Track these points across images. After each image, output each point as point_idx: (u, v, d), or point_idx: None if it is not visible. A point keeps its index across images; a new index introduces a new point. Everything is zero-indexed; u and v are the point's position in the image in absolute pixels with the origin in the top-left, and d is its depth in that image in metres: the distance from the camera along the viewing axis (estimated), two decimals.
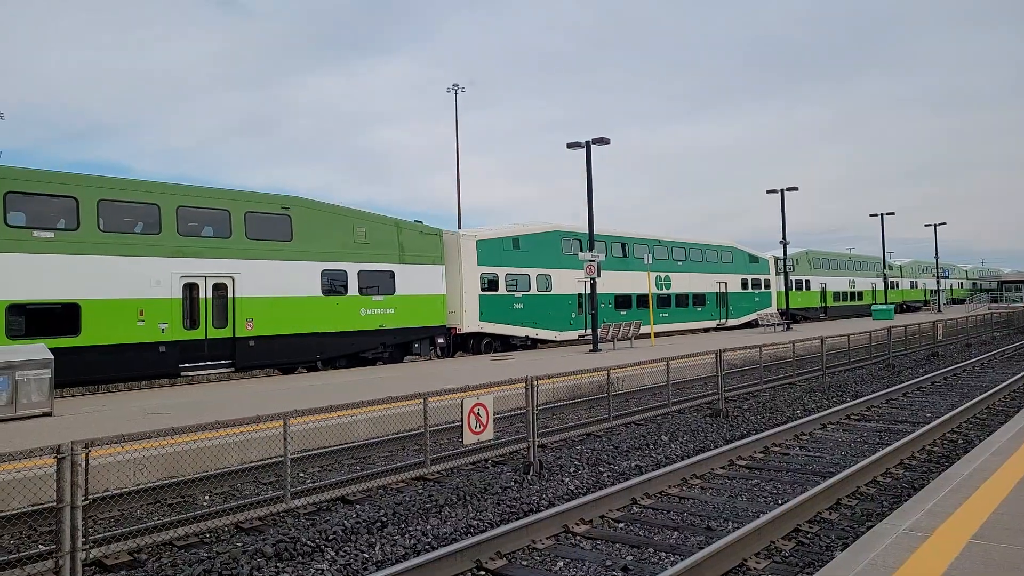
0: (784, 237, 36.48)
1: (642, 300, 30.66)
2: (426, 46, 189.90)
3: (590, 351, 23.21)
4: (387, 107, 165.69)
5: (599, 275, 23.63)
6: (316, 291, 18.99)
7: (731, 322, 36.80)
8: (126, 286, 15.57)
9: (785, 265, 37.09)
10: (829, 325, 38.71)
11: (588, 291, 26.79)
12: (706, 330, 34.81)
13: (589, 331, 27.20)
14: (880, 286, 55.58)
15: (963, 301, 75.91)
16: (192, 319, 16.63)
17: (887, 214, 52.12)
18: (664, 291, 32.27)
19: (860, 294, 53.64)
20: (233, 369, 17.27)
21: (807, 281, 45.72)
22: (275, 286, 18.09)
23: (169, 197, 16.57)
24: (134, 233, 16.06)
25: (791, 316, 40.33)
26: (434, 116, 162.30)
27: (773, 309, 40.02)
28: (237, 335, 17.24)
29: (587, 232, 27.09)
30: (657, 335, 30.46)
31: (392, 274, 20.88)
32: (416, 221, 22.37)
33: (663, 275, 32.24)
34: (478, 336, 23.97)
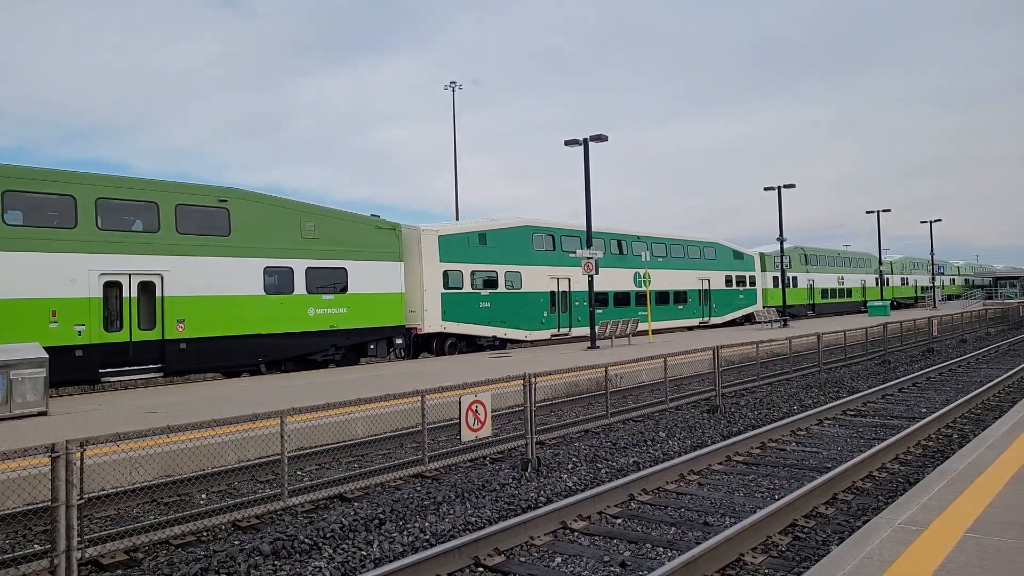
0: (781, 234, 36.53)
1: (620, 298, 29.78)
2: (429, 47, 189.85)
3: (588, 348, 23.22)
4: (390, 107, 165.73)
5: (597, 272, 23.59)
6: (258, 289, 17.70)
7: (715, 320, 35.85)
8: (35, 285, 14.25)
9: (782, 262, 36.97)
10: (820, 322, 38.16)
11: (560, 288, 26.70)
12: (689, 328, 33.94)
13: (564, 330, 26.89)
14: (871, 283, 55.24)
15: (957, 298, 76.08)
16: (114, 320, 15.38)
17: (883, 211, 52.20)
18: (643, 288, 30.89)
19: (850, 291, 52.88)
20: (162, 374, 16.19)
21: (795, 278, 44.93)
22: (210, 284, 16.79)
23: (86, 188, 15.15)
24: (45, 227, 14.65)
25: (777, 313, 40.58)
26: (436, 117, 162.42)
27: (759, 307, 39.23)
28: (167, 337, 16.00)
29: (560, 227, 26.43)
30: (633, 334, 30.28)
31: (344, 271, 19.56)
32: (373, 215, 21.13)
33: (642, 272, 30.78)
34: (441, 337, 22.79)
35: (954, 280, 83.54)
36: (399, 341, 21.01)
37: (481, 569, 5.51)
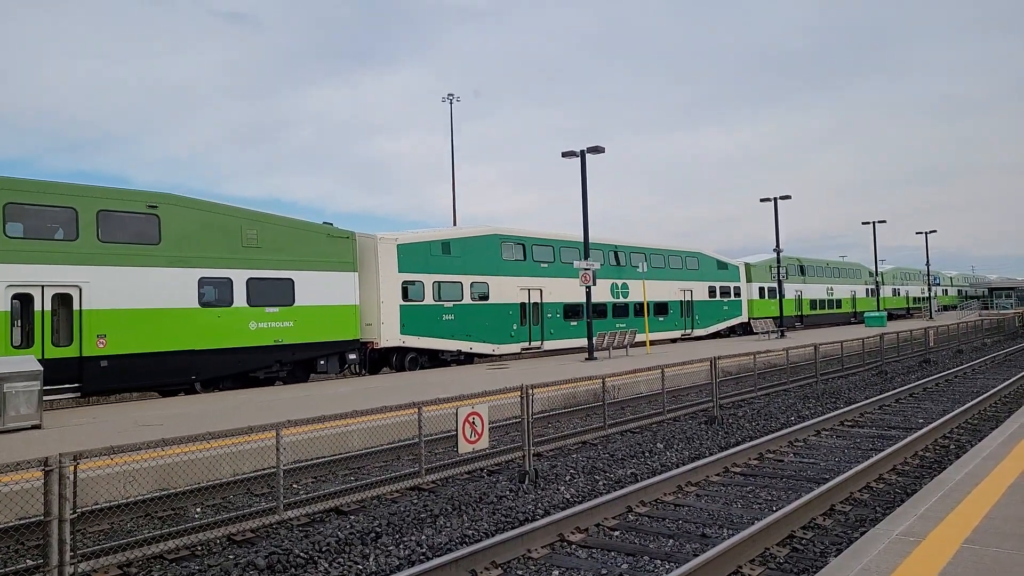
0: (778, 245, 36.67)
1: (596, 309, 28.05)
2: (430, 57, 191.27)
3: (586, 359, 23.19)
4: (389, 118, 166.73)
5: (594, 283, 23.61)
6: (191, 302, 16.52)
7: (697, 332, 34.75)
8: None
9: (779, 273, 36.94)
10: (810, 334, 37.04)
11: (531, 300, 25.82)
12: (672, 340, 33.01)
13: (535, 343, 25.91)
14: (861, 294, 54.60)
15: (951, 308, 76.13)
16: (24, 336, 14.29)
17: (879, 222, 52.45)
18: (621, 300, 30.05)
19: (839, 302, 51.61)
20: (80, 394, 15.04)
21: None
22: (136, 297, 15.62)
23: None
24: None
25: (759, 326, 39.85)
26: (436, 127, 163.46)
27: (744, 318, 38.54)
28: (85, 354, 14.79)
29: (531, 236, 26.02)
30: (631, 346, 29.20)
31: (291, 282, 18.39)
32: (325, 223, 19.97)
33: (620, 282, 30.07)
34: (401, 351, 21.70)
35: (946, 291, 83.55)
36: (353, 356, 19.84)
37: None
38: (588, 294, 23.89)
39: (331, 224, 20.07)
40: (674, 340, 33.25)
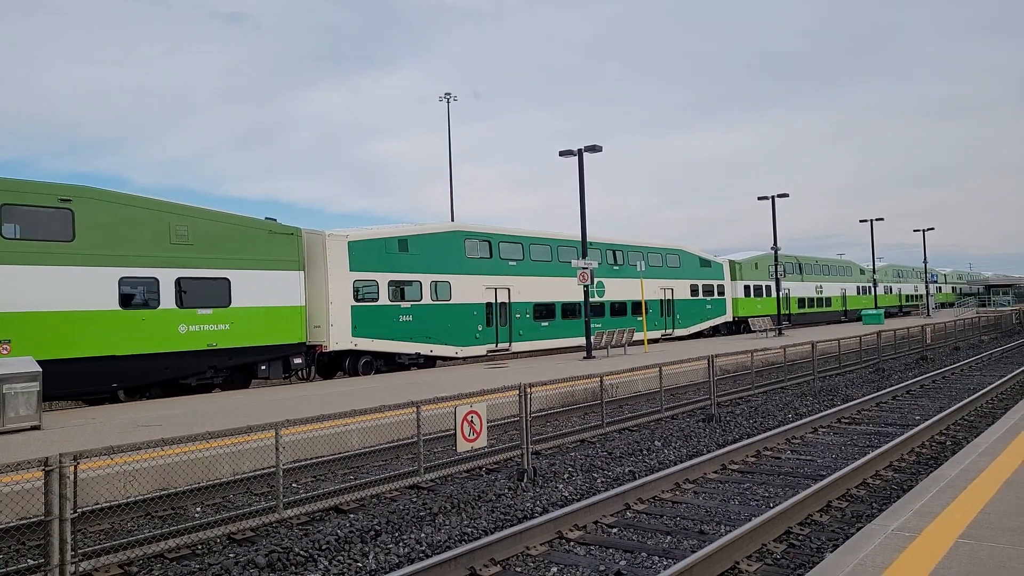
0: (775, 243, 36.71)
1: (569, 309, 27.52)
2: (428, 59, 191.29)
3: (584, 358, 23.23)
4: (388, 119, 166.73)
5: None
6: (111, 304, 15.26)
7: (678, 332, 33.64)
8: None
9: (776, 271, 36.87)
10: (801, 333, 35.51)
11: (499, 300, 24.77)
12: (654, 341, 31.82)
13: (503, 345, 24.82)
14: (852, 291, 53.63)
15: (946, 306, 76.14)
16: None
17: (876, 220, 52.50)
18: (596, 298, 28.62)
19: (828, 300, 50.19)
20: None
21: (768, 287, 41.99)
22: (47, 298, 14.37)
23: None
24: None
25: (748, 325, 38.22)
26: (434, 128, 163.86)
27: (729, 317, 37.57)
28: None
29: (498, 233, 25.26)
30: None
31: (227, 282, 17.12)
32: (268, 218, 18.77)
33: (595, 281, 28.27)
34: (355, 355, 20.43)
35: (940, 288, 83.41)
36: (298, 361, 18.57)
37: None
38: (586, 293, 23.91)
39: (274, 220, 18.87)
40: (655, 340, 32.24)
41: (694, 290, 35.25)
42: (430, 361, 22.74)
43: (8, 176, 14.80)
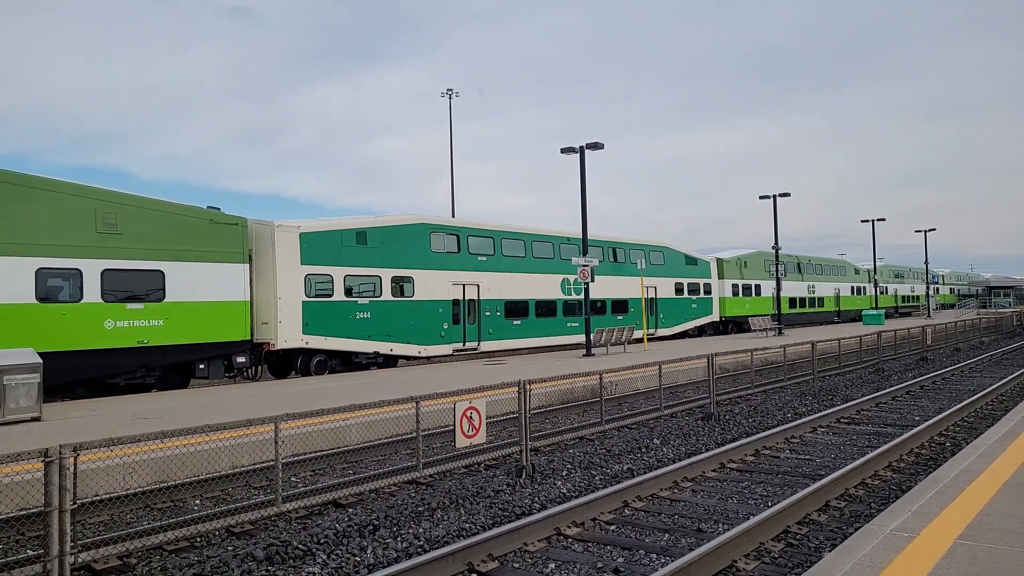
0: (776, 243, 36.68)
1: (543, 307, 26.48)
2: (430, 57, 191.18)
3: (584, 355, 23.24)
4: (389, 117, 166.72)
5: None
6: (27, 296, 14.09)
7: (661, 332, 32.44)
8: None
9: (777, 270, 36.75)
10: (797, 333, 34.67)
11: (467, 296, 23.62)
12: (636, 341, 29.41)
13: (471, 344, 23.70)
14: (846, 292, 52.49)
15: (946, 307, 75.96)
16: None
17: (878, 220, 52.37)
18: (574, 296, 27.66)
19: (821, 300, 48.65)
20: None
21: (757, 285, 40.86)
22: None
23: None
24: None
25: (736, 325, 37.88)
26: (435, 126, 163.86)
27: (715, 317, 36.54)
28: None
29: (466, 226, 24.21)
30: (560, 348, 26.91)
31: (161, 275, 15.88)
32: (210, 207, 17.49)
33: (571, 278, 27.32)
34: (307, 353, 19.24)
35: (938, 289, 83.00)
36: (242, 360, 17.44)
37: (475, 575, 5.51)
38: (586, 291, 23.90)
39: (217, 209, 17.63)
40: (637, 340, 30.03)
41: (679, 289, 34.00)
42: (391, 361, 21.60)
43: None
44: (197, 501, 8.09)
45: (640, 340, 28.33)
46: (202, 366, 16.75)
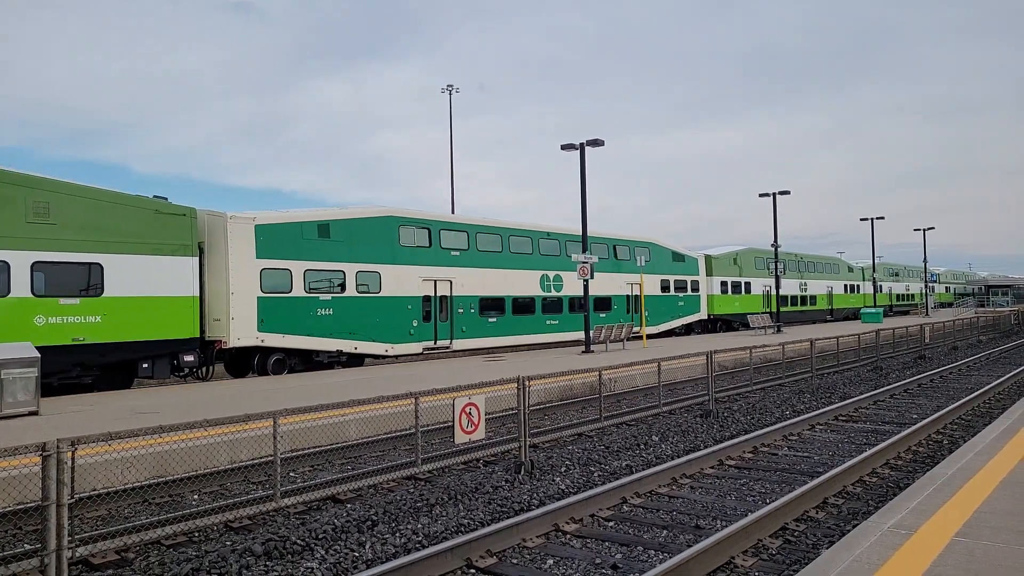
0: (776, 240, 36.68)
1: (521, 304, 25.64)
2: (432, 54, 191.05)
3: (582, 352, 23.25)
4: (391, 113, 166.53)
5: (592, 276, 23.61)
6: None
7: (648, 329, 30.74)
8: None
9: (776, 268, 36.70)
10: (794, 331, 34.15)
11: (439, 293, 22.73)
12: (618, 340, 27.94)
13: (443, 342, 22.76)
14: (838, 289, 51.65)
15: (948, 305, 75.93)
16: None
17: (877, 218, 52.38)
18: (554, 293, 26.86)
19: (813, 298, 47.40)
20: None
21: (747, 283, 39.90)
22: None
23: None
24: None
25: (725, 324, 37.42)
26: (437, 122, 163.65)
27: (704, 315, 35.82)
28: None
29: (438, 219, 23.58)
30: (539, 346, 26.38)
31: (100, 268, 14.88)
32: (157, 197, 16.45)
33: (551, 274, 26.80)
34: (264, 352, 18.28)
35: (934, 288, 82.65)
36: (189, 358, 16.53)
37: (473, 571, 5.52)
38: (586, 287, 23.87)
39: (164, 199, 16.64)
40: (619, 340, 30.60)
41: (665, 286, 33.00)
42: (357, 360, 20.79)
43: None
44: (195, 496, 8.09)
45: (639, 337, 28.31)
46: (145, 365, 15.82)
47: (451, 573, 5.43)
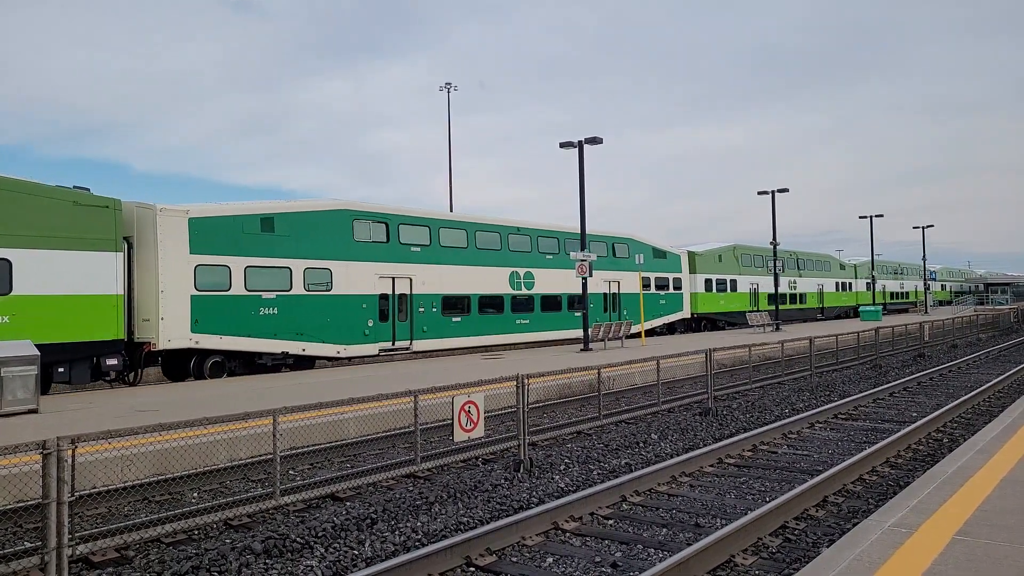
0: (774, 238, 36.67)
1: (488, 302, 24.53)
2: (432, 51, 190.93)
3: (581, 350, 23.25)
4: (391, 110, 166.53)
5: (591, 274, 23.60)
6: None
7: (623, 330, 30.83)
8: None
9: (775, 266, 36.63)
10: (793, 329, 33.46)
11: (397, 291, 21.52)
12: (633, 335, 28.38)
13: (401, 343, 21.54)
14: (829, 287, 50.31)
15: (947, 303, 75.90)
16: None
17: (876, 216, 52.42)
18: (524, 291, 25.74)
19: (804, 296, 45.79)
20: None
21: (734, 281, 38.66)
22: None
23: None
24: None
25: (709, 322, 36.76)
26: (436, 119, 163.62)
27: (686, 313, 34.66)
28: None
29: (396, 213, 22.28)
30: (516, 346, 25.69)
31: (8, 264, 13.71)
32: (77, 187, 15.27)
33: (522, 271, 25.75)
34: (201, 354, 17.05)
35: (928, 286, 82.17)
36: (112, 362, 15.30)
37: (473, 569, 5.52)
38: (585, 285, 23.85)
39: (86, 189, 15.40)
40: (635, 335, 29.02)
41: (645, 284, 31.61)
42: (307, 363, 19.65)
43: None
44: (195, 494, 8.09)
45: (637, 335, 28.27)
46: (61, 370, 14.51)
47: (450, 571, 5.43)
